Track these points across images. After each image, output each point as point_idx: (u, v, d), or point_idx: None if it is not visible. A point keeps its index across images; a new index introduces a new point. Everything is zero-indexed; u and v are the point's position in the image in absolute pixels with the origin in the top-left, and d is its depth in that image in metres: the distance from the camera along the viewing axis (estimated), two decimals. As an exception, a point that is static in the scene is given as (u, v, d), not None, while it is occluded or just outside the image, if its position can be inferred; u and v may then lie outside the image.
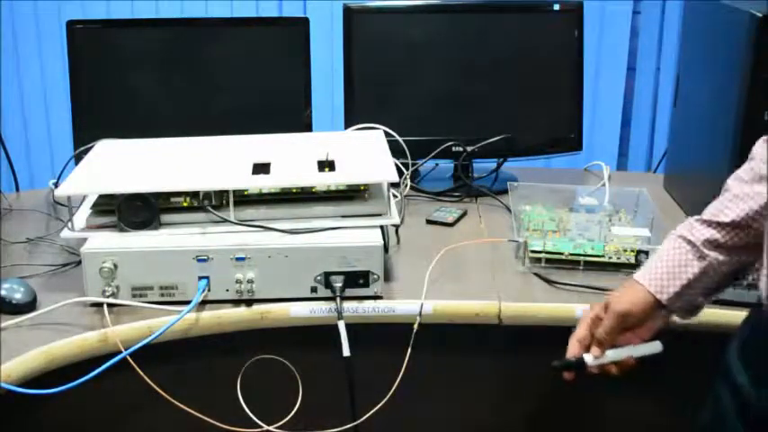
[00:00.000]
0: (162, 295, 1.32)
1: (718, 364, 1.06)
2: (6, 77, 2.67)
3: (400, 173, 1.63)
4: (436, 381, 1.41)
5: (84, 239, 1.34)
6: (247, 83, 1.87)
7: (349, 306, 1.32)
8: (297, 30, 1.86)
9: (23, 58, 2.69)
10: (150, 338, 1.24)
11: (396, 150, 1.63)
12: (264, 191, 1.41)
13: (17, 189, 1.89)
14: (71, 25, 1.83)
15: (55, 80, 2.66)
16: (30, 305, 1.30)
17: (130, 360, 1.23)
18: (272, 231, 1.35)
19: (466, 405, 1.45)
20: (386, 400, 1.32)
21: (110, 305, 1.29)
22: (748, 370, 1.00)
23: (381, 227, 1.39)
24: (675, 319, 1.15)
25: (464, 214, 1.73)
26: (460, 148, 1.88)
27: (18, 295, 1.30)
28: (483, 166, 1.92)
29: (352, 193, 1.42)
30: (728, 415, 1.02)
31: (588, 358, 1.11)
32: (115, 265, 1.30)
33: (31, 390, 1.16)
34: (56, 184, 1.72)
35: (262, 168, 1.44)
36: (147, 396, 1.25)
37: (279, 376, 1.36)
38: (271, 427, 1.34)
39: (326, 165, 1.45)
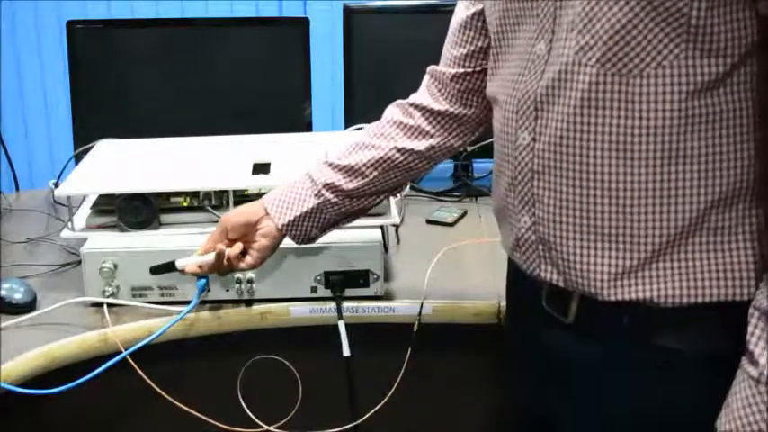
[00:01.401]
0: (162, 295, 1.32)
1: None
2: (6, 77, 2.67)
3: (400, 173, 1.63)
4: (436, 381, 1.41)
5: (85, 239, 1.34)
6: (247, 83, 1.87)
7: (349, 306, 1.32)
8: (297, 30, 1.86)
9: (23, 58, 2.69)
10: (150, 338, 1.24)
11: (396, 150, 1.62)
12: (264, 191, 1.41)
13: (17, 189, 1.89)
14: (71, 25, 1.83)
15: (55, 80, 2.66)
16: (30, 305, 1.30)
17: (130, 360, 1.23)
18: (272, 231, 1.34)
19: (466, 405, 1.45)
20: (386, 400, 1.32)
21: (110, 305, 1.29)
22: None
23: (381, 227, 1.39)
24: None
25: (464, 214, 1.73)
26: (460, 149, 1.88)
27: (18, 295, 1.30)
28: (483, 166, 1.92)
29: (352, 193, 1.42)
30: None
31: (178, 262, 1.22)
32: (115, 265, 1.30)
33: (31, 390, 1.16)
34: (56, 184, 1.72)
35: (262, 168, 1.44)
36: (147, 396, 1.25)
37: (279, 376, 1.36)
38: (271, 427, 1.34)
39: (326, 165, 1.44)
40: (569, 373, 1.03)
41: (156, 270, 1.25)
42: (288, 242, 1.32)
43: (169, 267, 1.23)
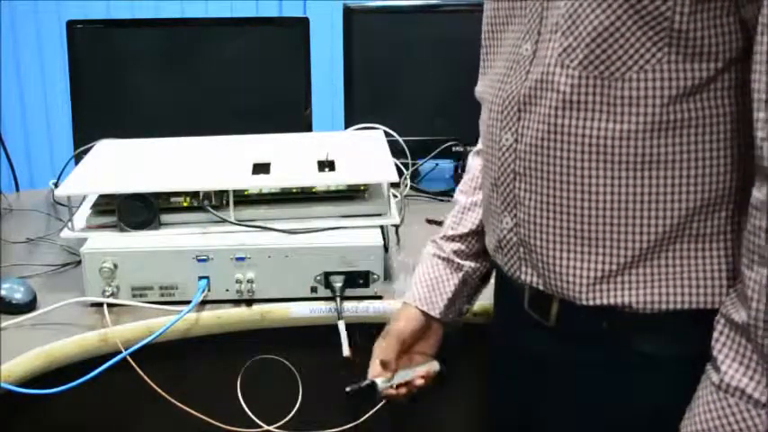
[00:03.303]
0: (162, 295, 1.32)
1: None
2: (6, 77, 2.67)
3: (400, 173, 1.63)
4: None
5: (84, 239, 1.34)
6: (247, 83, 1.87)
7: (349, 306, 1.32)
8: (297, 30, 1.86)
9: (23, 58, 2.69)
10: (150, 338, 1.24)
11: (396, 150, 1.63)
12: (264, 191, 1.41)
13: (17, 189, 1.89)
14: (71, 25, 1.83)
15: (55, 80, 2.67)
16: (30, 305, 1.30)
17: (130, 360, 1.23)
18: (272, 231, 1.35)
19: (466, 405, 1.45)
20: (386, 400, 1.32)
21: (110, 305, 1.29)
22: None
23: (381, 227, 1.39)
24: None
25: (464, 214, 1.73)
26: (460, 148, 1.88)
27: (18, 295, 1.30)
28: (483, 166, 1.92)
29: (352, 193, 1.42)
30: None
31: (379, 381, 1.14)
32: (115, 265, 1.30)
33: (31, 390, 1.16)
34: (56, 184, 1.72)
35: (262, 168, 1.44)
36: (147, 396, 1.25)
37: (279, 376, 1.36)
38: (271, 427, 1.34)
39: (326, 165, 1.45)
40: (546, 375, 1.04)
41: (353, 394, 1.13)
42: (288, 242, 1.32)
43: (372, 387, 1.13)
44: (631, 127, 0.88)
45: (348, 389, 1.13)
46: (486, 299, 1.34)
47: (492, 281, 1.23)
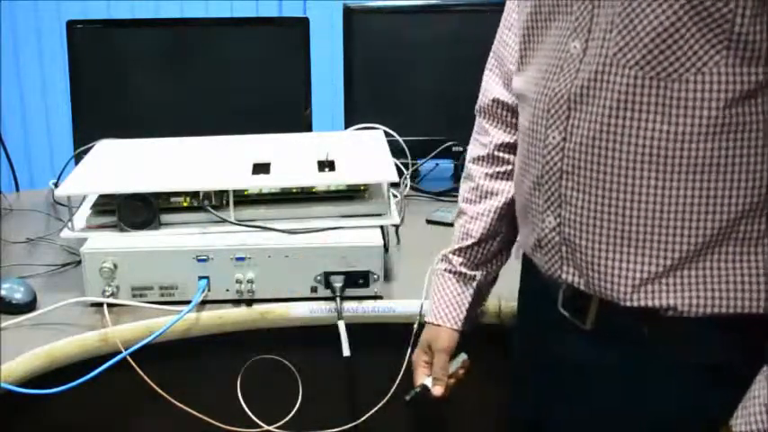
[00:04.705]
0: (162, 295, 1.32)
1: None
2: (6, 77, 2.67)
3: (400, 173, 1.63)
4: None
5: (84, 239, 1.34)
6: (247, 83, 1.87)
7: (349, 306, 1.32)
8: (297, 30, 1.86)
9: (23, 58, 2.69)
10: (150, 338, 1.24)
11: (396, 150, 1.63)
12: (264, 191, 1.41)
13: (17, 189, 1.89)
14: (71, 25, 1.83)
15: (55, 80, 2.67)
16: (30, 305, 1.30)
17: (130, 360, 1.23)
18: (272, 231, 1.35)
19: (465, 405, 1.45)
20: (386, 400, 1.32)
21: (110, 305, 1.29)
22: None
23: (381, 227, 1.39)
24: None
25: (464, 214, 1.73)
26: (460, 148, 1.88)
27: (18, 295, 1.30)
28: (483, 166, 1.92)
29: (352, 193, 1.42)
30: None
31: (429, 382, 1.22)
32: (115, 265, 1.30)
33: (32, 390, 1.16)
34: (56, 184, 1.72)
35: (262, 168, 1.44)
36: (147, 396, 1.25)
37: (279, 376, 1.36)
38: (271, 427, 1.34)
39: (326, 165, 1.45)
40: (581, 378, 1.02)
41: (411, 401, 1.22)
42: (288, 242, 1.32)
43: (425, 390, 1.22)
44: (686, 129, 0.87)
45: (407, 397, 1.21)
46: (489, 298, 1.34)
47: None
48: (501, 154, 1.19)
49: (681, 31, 0.85)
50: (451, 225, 1.66)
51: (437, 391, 1.21)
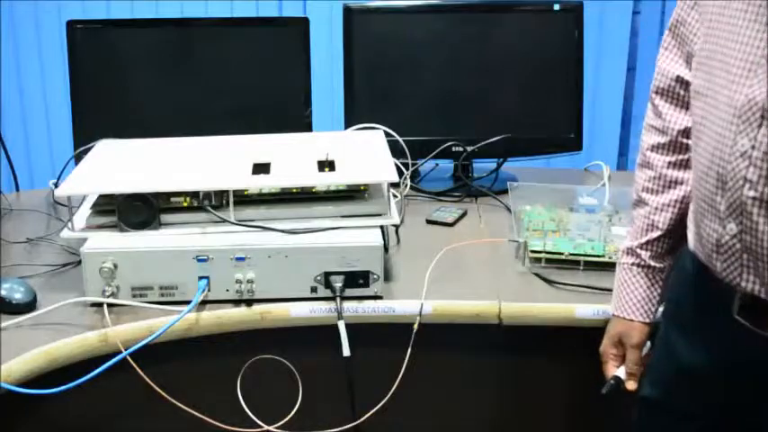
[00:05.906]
0: (162, 295, 1.32)
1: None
2: (6, 77, 2.67)
3: (400, 173, 1.63)
4: (436, 381, 1.41)
5: (84, 239, 1.34)
6: (247, 83, 1.87)
7: (349, 306, 1.32)
8: (297, 30, 1.86)
9: (23, 58, 2.69)
10: (150, 338, 1.24)
11: (396, 150, 1.63)
12: (264, 191, 1.41)
13: (17, 189, 1.89)
14: (71, 25, 1.83)
15: (55, 80, 2.67)
16: (30, 305, 1.30)
17: (130, 360, 1.23)
18: (272, 231, 1.35)
19: (466, 405, 1.45)
20: (386, 400, 1.32)
21: (110, 305, 1.29)
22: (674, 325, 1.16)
23: (381, 227, 1.39)
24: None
25: (464, 214, 1.73)
26: (460, 148, 1.88)
27: (18, 295, 1.30)
28: (483, 166, 1.92)
29: (352, 193, 1.42)
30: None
31: (621, 374, 1.23)
32: (115, 265, 1.30)
33: (31, 390, 1.16)
34: (56, 184, 1.72)
35: (262, 168, 1.44)
36: (147, 396, 1.25)
37: (279, 376, 1.36)
38: (271, 427, 1.34)
39: (326, 165, 1.45)
40: (759, 382, 1.02)
41: (609, 392, 1.23)
42: (288, 242, 1.32)
43: (618, 383, 1.23)
44: None
45: (603, 391, 1.22)
46: (489, 299, 1.34)
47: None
48: (683, 140, 1.15)
49: None
50: (451, 225, 1.68)
51: (631, 386, 1.21)
